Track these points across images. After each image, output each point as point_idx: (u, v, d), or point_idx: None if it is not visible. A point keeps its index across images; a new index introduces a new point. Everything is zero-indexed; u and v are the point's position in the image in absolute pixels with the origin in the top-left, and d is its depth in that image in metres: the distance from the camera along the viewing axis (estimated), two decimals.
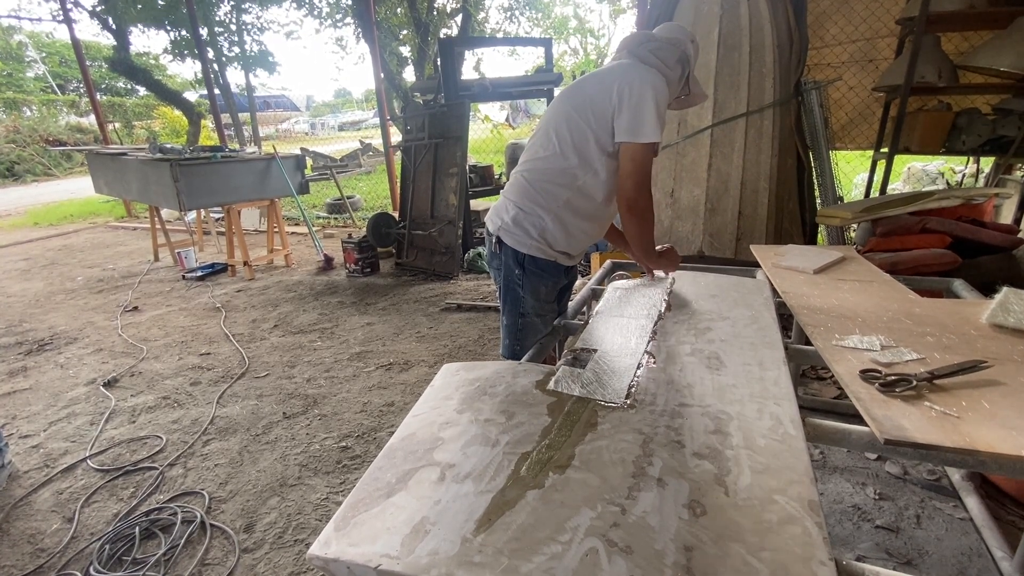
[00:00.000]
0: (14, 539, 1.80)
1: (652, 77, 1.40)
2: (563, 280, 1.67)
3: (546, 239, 1.52)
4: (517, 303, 1.59)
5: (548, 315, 1.62)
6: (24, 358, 3.24)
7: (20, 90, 20.04)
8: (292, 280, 4.56)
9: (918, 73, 2.84)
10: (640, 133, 1.35)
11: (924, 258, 2.24)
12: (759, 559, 0.63)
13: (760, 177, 3.12)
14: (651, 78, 1.39)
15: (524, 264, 1.55)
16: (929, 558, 1.46)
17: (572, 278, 1.77)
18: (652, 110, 1.35)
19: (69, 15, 7.99)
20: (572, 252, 1.60)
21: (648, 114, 1.35)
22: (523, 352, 1.58)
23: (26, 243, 6.66)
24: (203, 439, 2.30)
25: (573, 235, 1.54)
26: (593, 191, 1.48)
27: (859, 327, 1.31)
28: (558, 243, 1.53)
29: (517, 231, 1.53)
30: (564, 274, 1.65)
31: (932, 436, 0.86)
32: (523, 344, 1.61)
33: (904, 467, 1.81)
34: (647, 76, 1.39)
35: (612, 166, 1.45)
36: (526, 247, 1.53)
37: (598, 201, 1.51)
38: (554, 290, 1.63)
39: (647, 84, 1.37)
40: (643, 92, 1.36)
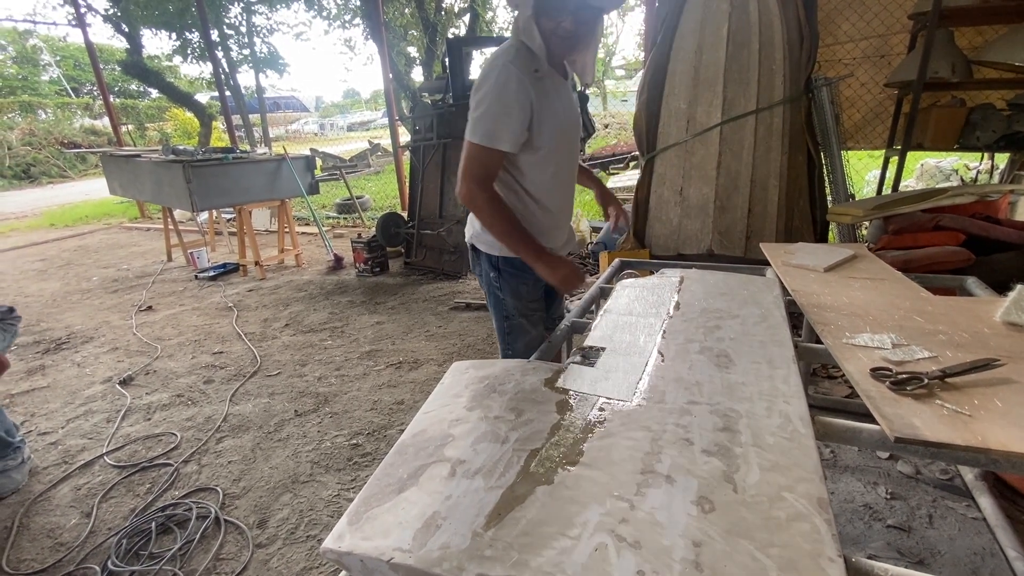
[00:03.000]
0: (34, 534, 1.84)
1: (496, 73, 1.29)
2: (530, 297, 1.62)
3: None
4: (500, 307, 1.60)
5: (534, 314, 1.61)
6: (42, 357, 3.30)
7: (36, 93, 20.40)
8: (303, 280, 4.61)
9: (931, 68, 2.80)
10: (470, 132, 1.33)
11: (937, 256, 2.21)
12: (767, 555, 0.63)
13: (770, 175, 3.10)
14: (494, 75, 1.29)
15: (499, 267, 1.54)
16: (941, 558, 1.45)
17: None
18: (490, 109, 1.30)
19: (83, 19, 8.10)
20: (555, 232, 1.56)
21: (477, 114, 1.31)
22: (516, 354, 1.61)
23: (42, 244, 6.78)
24: (217, 436, 2.34)
25: (532, 228, 1.46)
26: (523, 184, 1.45)
27: (870, 325, 1.30)
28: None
29: (486, 235, 1.50)
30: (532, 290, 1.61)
31: (944, 434, 0.86)
32: (514, 347, 1.61)
33: (916, 466, 1.80)
34: (491, 74, 1.30)
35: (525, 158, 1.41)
36: (497, 249, 1.52)
37: (533, 193, 1.46)
38: (536, 289, 1.60)
39: (486, 82, 1.30)
40: (481, 92, 1.31)
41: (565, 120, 1.40)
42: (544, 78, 1.33)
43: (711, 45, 3.10)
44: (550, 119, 1.36)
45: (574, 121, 1.46)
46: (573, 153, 1.52)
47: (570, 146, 1.48)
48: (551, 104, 1.35)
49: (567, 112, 1.42)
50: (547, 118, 1.35)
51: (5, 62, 22.82)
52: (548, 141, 1.38)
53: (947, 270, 2.14)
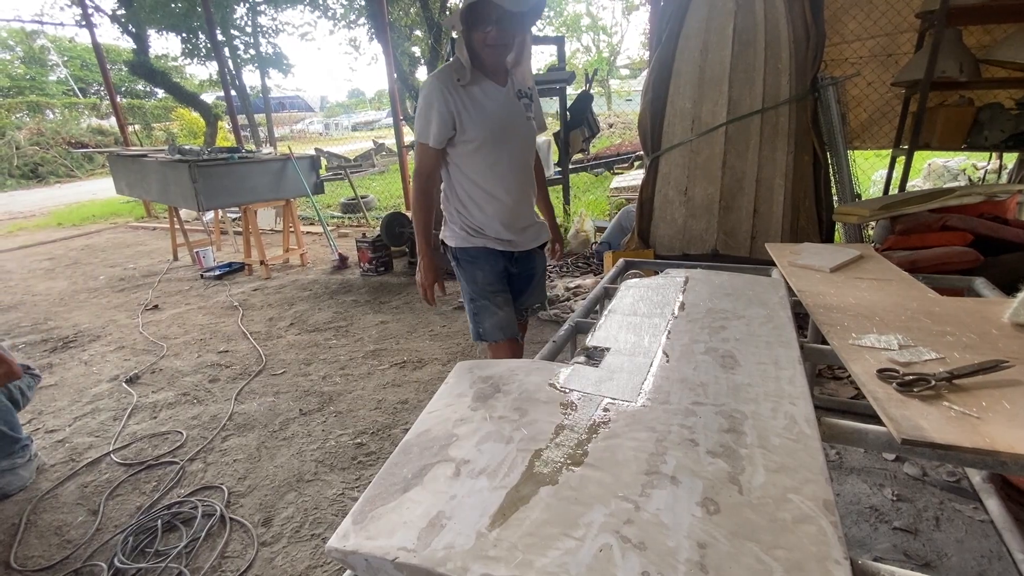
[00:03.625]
0: (41, 531, 1.85)
1: (425, 85, 1.63)
2: (501, 265, 1.82)
3: (464, 227, 1.77)
4: (464, 291, 1.84)
5: (496, 296, 1.81)
6: (50, 355, 3.33)
7: (43, 93, 20.55)
8: (307, 279, 4.62)
9: (939, 67, 2.78)
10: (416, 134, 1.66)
11: (944, 256, 2.20)
12: (773, 557, 0.63)
13: (776, 174, 3.09)
14: (424, 87, 1.63)
15: (457, 256, 1.81)
16: (948, 560, 1.44)
17: (527, 268, 1.92)
18: (421, 114, 1.62)
19: (91, 19, 8.16)
20: (490, 233, 1.76)
21: (418, 117, 1.64)
22: (484, 333, 1.82)
23: (50, 243, 6.83)
24: (222, 435, 2.35)
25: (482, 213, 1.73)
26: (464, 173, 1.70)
27: (876, 326, 1.29)
28: (472, 227, 1.76)
29: (447, 230, 1.81)
30: (504, 259, 1.82)
31: (951, 436, 0.85)
32: (483, 326, 1.81)
33: (923, 468, 1.79)
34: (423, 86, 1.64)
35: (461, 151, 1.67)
36: (455, 240, 1.79)
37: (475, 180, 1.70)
38: (492, 275, 1.80)
39: (421, 92, 1.63)
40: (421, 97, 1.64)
41: (497, 120, 1.63)
42: (471, 85, 1.59)
43: (716, 44, 3.08)
44: (478, 118, 1.61)
45: (511, 121, 1.67)
46: (515, 149, 1.71)
47: (509, 142, 1.68)
48: (480, 106, 1.61)
49: (501, 113, 1.64)
50: (474, 117, 1.61)
51: (13, 62, 23.00)
52: (477, 136, 1.62)
53: (954, 271, 2.12)
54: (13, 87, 20.82)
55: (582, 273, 4.18)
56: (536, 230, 1.87)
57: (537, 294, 2.01)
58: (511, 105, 1.67)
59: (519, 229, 1.80)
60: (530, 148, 1.78)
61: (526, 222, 1.82)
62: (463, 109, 1.60)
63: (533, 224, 1.86)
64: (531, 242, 1.85)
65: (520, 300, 1.97)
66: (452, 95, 1.58)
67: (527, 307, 2.02)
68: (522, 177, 1.76)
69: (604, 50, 22.93)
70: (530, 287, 1.96)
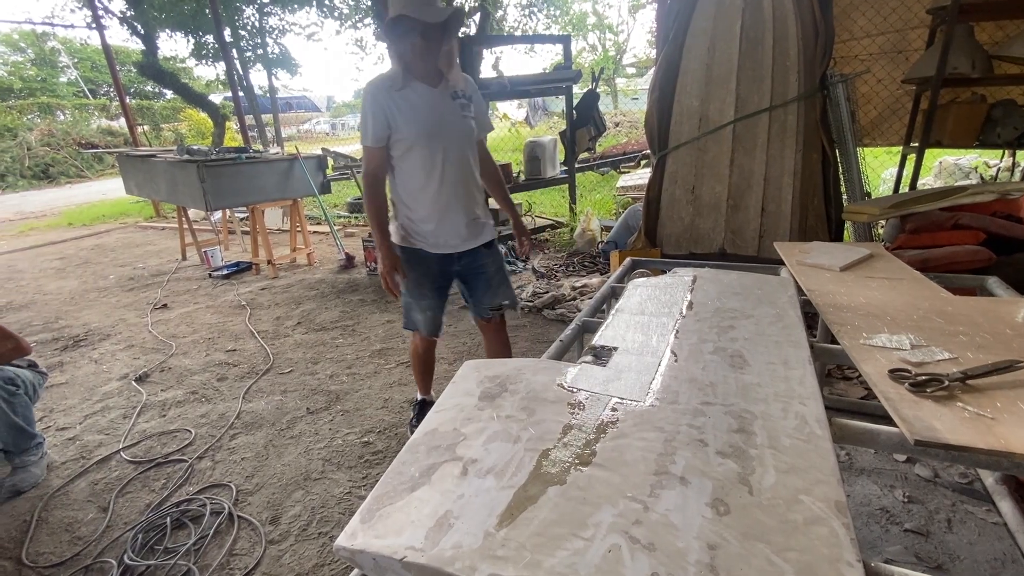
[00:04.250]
0: (53, 527, 1.87)
1: (364, 91, 1.76)
2: (436, 268, 1.92)
3: (402, 226, 1.89)
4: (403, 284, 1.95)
5: (423, 299, 1.96)
6: (60, 353, 3.36)
7: (54, 95, 20.76)
8: (314, 278, 4.64)
9: (950, 64, 2.75)
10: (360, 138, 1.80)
11: (956, 255, 2.17)
12: (784, 559, 0.62)
13: (784, 173, 3.06)
14: (366, 87, 1.75)
15: (399, 253, 1.90)
16: (961, 563, 1.42)
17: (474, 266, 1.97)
18: (361, 119, 1.76)
19: (100, 21, 8.23)
20: (425, 231, 1.86)
21: (360, 122, 1.78)
22: (411, 323, 2.03)
23: (61, 243, 6.90)
24: (230, 433, 2.36)
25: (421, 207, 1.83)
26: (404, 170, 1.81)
27: (888, 326, 1.28)
28: (409, 227, 1.87)
29: (392, 226, 1.92)
30: (441, 261, 1.91)
31: (965, 437, 0.84)
32: (409, 318, 2.03)
33: (935, 470, 1.77)
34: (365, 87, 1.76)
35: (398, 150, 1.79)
36: (395, 237, 1.91)
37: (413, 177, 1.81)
38: (421, 277, 1.92)
39: (363, 96, 1.77)
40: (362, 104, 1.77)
41: (429, 118, 1.74)
42: (405, 89, 1.72)
43: (724, 41, 3.06)
44: (410, 118, 1.72)
45: (444, 118, 1.77)
46: (450, 145, 1.79)
47: (443, 139, 1.77)
48: (412, 106, 1.72)
49: (432, 112, 1.75)
50: (407, 117, 1.72)
51: (25, 64, 23.26)
52: (410, 134, 1.74)
53: (966, 270, 2.09)
54: (25, 88, 21.06)
55: (588, 272, 4.17)
56: (479, 228, 1.92)
57: (499, 293, 2.03)
58: (444, 104, 1.77)
59: (457, 228, 1.88)
60: (467, 144, 1.85)
61: (465, 219, 1.88)
62: (396, 111, 1.72)
63: (475, 222, 1.91)
64: (472, 241, 1.92)
65: (478, 300, 2.04)
66: (386, 99, 1.71)
67: (491, 307, 2.04)
68: (459, 173, 1.83)
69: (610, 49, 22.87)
70: (485, 286, 2.00)
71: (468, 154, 1.86)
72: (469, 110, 1.83)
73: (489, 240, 1.98)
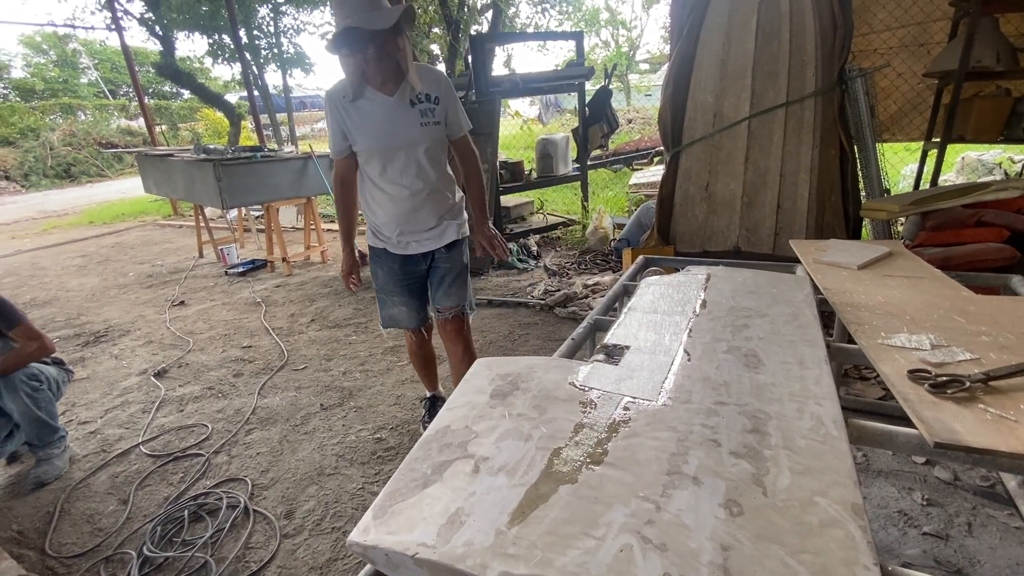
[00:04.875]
0: (75, 519, 1.92)
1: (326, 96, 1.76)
2: (400, 269, 1.94)
3: (371, 227, 1.93)
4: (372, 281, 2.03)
5: (391, 296, 2.00)
6: (82, 349, 3.44)
7: (75, 95, 21.18)
8: (328, 276, 4.68)
9: (974, 57, 2.68)
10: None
11: (979, 253, 2.12)
12: (799, 561, 0.61)
13: (800, 169, 3.01)
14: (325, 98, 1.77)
15: (368, 253, 2.00)
16: (981, 567, 1.40)
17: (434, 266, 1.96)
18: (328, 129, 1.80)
19: (120, 23, 8.37)
20: (388, 234, 1.88)
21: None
22: (385, 320, 2.07)
23: (82, 240, 7.05)
24: (246, 428, 2.40)
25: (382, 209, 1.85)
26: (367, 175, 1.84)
27: (907, 325, 1.25)
28: (375, 229, 1.91)
29: (367, 228, 1.97)
30: (407, 261, 1.92)
31: (987, 440, 0.82)
32: (381, 313, 2.07)
33: (955, 472, 1.73)
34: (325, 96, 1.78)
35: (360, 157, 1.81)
36: (367, 237, 1.97)
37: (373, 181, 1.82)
38: (388, 276, 1.96)
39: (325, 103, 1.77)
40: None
41: (383, 128, 1.72)
42: (357, 99, 1.70)
43: (739, 36, 3.02)
44: (365, 128, 1.72)
45: (399, 127, 1.73)
46: (407, 153, 1.76)
47: (399, 148, 1.75)
48: (366, 117, 1.71)
49: (387, 121, 1.71)
50: (361, 129, 1.72)
51: (47, 65, 23.76)
52: (366, 145, 1.75)
53: (989, 268, 2.05)
54: (47, 89, 21.52)
55: (600, 270, 4.15)
56: (440, 231, 1.91)
57: (450, 293, 1.98)
58: (400, 113, 1.72)
59: (416, 233, 1.88)
60: (431, 150, 1.80)
61: (427, 224, 1.88)
62: (351, 123, 1.73)
63: (438, 225, 1.90)
64: (434, 243, 1.91)
65: (432, 297, 2.04)
66: (341, 111, 1.72)
67: (441, 308, 2.01)
68: (419, 182, 1.80)
69: (623, 45, 22.68)
70: (438, 284, 1.98)
71: (429, 161, 1.80)
72: (432, 114, 1.76)
73: (452, 241, 1.94)
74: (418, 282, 2.00)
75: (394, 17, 1.53)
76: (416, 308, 2.04)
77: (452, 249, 1.95)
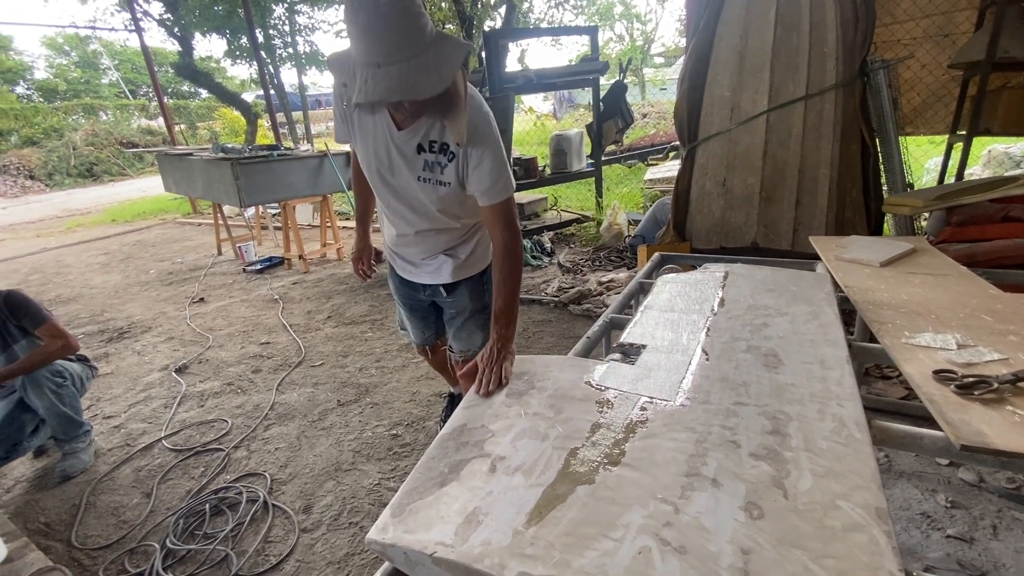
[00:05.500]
0: (100, 511, 1.97)
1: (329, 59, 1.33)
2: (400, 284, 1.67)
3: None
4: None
5: (403, 306, 1.77)
6: (106, 345, 3.52)
7: (97, 96, 21.64)
8: (344, 273, 4.73)
9: (1001, 47, 2.60)
10: None
11: (1006, 249, 2.07)
12: (822, 566, 0.61)
13: (820, 164, 2.96)
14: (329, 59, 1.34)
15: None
16: (1006, 571, 1.36)
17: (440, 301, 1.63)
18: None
19: (139, 24, 8.51)
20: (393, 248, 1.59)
21: None
22: (398, 321, 1.91)
23: (104, 239, 7.20)
24: (264, 424, 2.44)
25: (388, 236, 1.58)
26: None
27: (932, 324, 1.23)
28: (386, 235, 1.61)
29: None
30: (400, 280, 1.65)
31: (1015, 443, 0.80)
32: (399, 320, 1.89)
33: (980, 474, 1.69)
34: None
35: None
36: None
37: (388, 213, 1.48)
38: (393, 288, 1.72)
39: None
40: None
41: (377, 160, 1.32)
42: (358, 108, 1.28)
43: (757, 28, 2.97)
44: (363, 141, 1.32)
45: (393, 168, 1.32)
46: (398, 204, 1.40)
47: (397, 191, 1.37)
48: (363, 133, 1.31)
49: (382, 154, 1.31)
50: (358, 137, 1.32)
51: (69, 67, 24.28)
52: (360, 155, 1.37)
53: (1017, 265, 1.99)
54: (69, 90, 22.01)
55: (615, 267, 4.12)
56: (434, 268, 1.54)
57: (459, 339, 1.68)
58: (399, 153, 1.28)
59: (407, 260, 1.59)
60: (421, 205, 1.37)
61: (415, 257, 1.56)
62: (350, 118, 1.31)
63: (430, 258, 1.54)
64: (426, 277, 1.58)
65: (448, 333, 1.74)
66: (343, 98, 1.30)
67: (452, 348, 1.73)
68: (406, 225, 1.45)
69: (638, 38, 22.46)
70: (448, 325, 1.70)
71: (423, 214, 1.40)
72: (439, 171, 1.28)
73: (450, 283, 1.56)
74: (420, 306, 1.72)
75: (448, 78, 1.05)
76: (420, 328, 1.80)
77: (454, 292, 1.58)
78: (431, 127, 1.24)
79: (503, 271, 1.29)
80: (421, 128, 1.24)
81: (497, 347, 1.18)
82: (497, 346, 1.18)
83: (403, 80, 1.00)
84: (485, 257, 1.57)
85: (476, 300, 1.60)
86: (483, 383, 1.11)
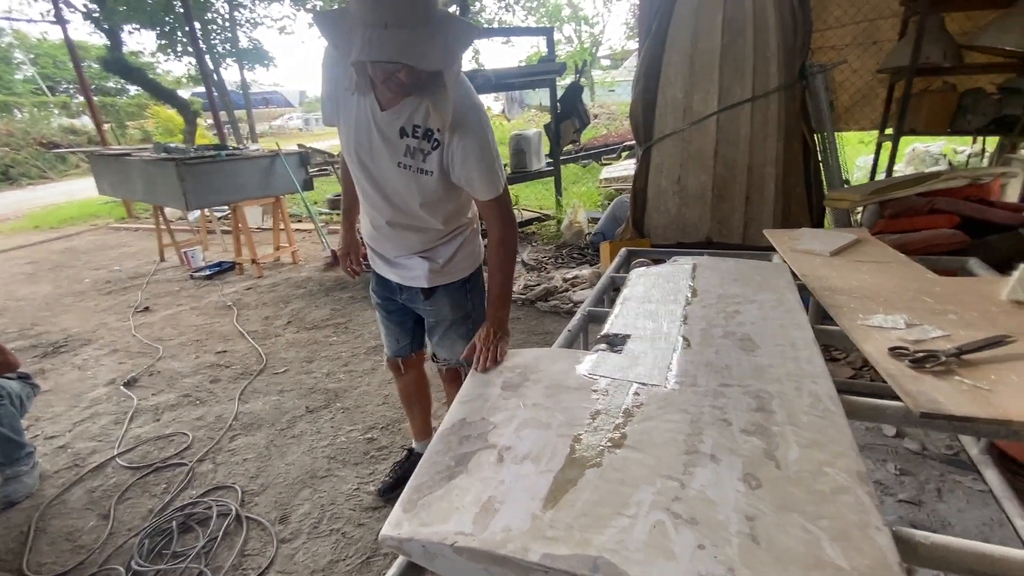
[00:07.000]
0: (52, 537, 1.84)
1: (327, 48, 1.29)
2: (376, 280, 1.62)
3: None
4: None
5: (380, 308, 1.69)
6: (40, 360, 3.26)
7: (11, 92, 19.87)
8: (301, 276, 4.58)
9: (923, 54, 2.85)
10: None
11: (934, 238, 2.26)
12: (818, 527, 0.66)
13: (766, 163, 3.14)
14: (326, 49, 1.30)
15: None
16: (952, 529, 1.51)
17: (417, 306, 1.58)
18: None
19: (62, 15, 7.90)
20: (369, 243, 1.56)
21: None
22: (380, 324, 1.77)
23: (28, 246, 6.64)
24: (229, 435, 2.34)
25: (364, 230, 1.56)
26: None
27: (882, 307, 1.34)
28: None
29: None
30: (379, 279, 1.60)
31: (967, 408, 0.90)
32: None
33: (922, 443, 1.86)
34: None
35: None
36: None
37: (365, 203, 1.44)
38: (376, 282, 1.64)
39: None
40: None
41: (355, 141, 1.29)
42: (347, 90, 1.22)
43: (706, 33, 3.11)
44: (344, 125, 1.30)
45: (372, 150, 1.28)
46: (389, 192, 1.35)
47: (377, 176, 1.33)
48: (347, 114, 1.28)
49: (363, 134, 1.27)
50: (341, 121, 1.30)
51: None
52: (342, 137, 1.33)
53: (943, 252, 2.19)
54: None
55: (578, 264, 4.21)
56: (408, 268, 1.49)
57: (441, 347, 1.63)
58: (380, 135, 1.24)
59: (385, 258, 1.53)
60: (398, 195, 1.34)
61: (390, 254, 1.52)
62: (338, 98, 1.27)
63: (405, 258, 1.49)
64: (397, 277, 1.53)
65: (429, 342, 1.69)
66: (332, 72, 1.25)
67: (436, 356, 1.69)
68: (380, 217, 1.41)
69: (586, 41, 22.90)
70: (429, 332, 1.66)
71: (401, 206, 1.37)
72: (421, 158, 1.24)
73: (426, 287, 1.50)
74: (396, 309, 1.65)
75: (457, 56, 1.08)
76: (395, 336, 1.71)
77: (432, 298, 1.53)
78: (415, 110, 1.21)
79: (499, 259, 1.35)
80: (405, 110, 1.22)
81: (493, 328, 1.28)
82: (493, 327, 1.28)
83: (413, 46, 0.99)
84: (467, 265, 1.54)
85: (457, 309, 1.55)
86: (480, 360, 1.20)
